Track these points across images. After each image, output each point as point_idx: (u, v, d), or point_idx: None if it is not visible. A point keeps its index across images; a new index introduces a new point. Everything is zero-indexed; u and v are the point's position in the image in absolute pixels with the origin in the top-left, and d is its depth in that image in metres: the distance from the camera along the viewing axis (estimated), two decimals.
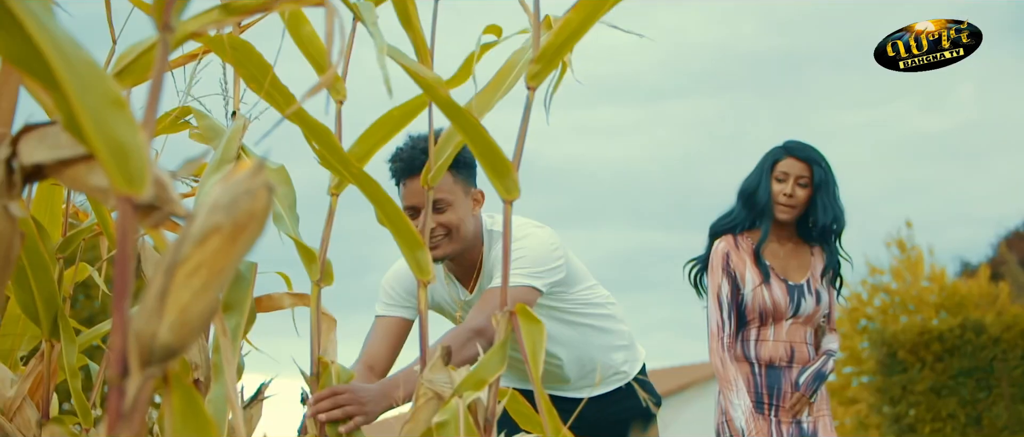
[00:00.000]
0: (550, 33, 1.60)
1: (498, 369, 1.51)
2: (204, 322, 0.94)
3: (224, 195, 0.92)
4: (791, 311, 4.28)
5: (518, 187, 1.56)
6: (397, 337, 3.60)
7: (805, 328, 4.33)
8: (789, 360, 4.28)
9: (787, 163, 4.32)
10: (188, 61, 2.34)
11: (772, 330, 4.28)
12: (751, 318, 4.28)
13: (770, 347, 4.28)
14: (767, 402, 4.27)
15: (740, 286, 4.29)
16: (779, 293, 4.27)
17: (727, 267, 4.31)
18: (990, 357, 16.89)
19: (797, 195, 4.28)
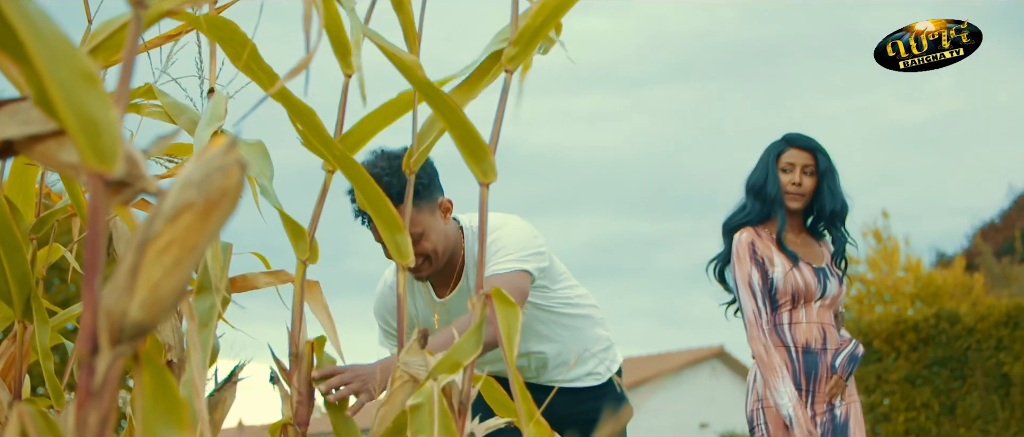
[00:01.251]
0: (527, 16, 1.59)
1: (473, 352, 1.51)
2: (175, 300, 0.93)
3: (196, 172, 0.91)
4: (819, 292, 4.33)
5: (495, 170, 1.55)
6: None
7: (829, 311, 4.39)
8: (823, 343, 4.32)
9: (791, 153, 4.40)
10: (165, 41, 2.32)
11: (804, 312, 4.33)
12: (783, 301, 4.32)
13: (804, 329, 4.31)
14: (804, 387, 4.30)
15: (769, 271, 4.33)
16: (809, 274, 4.32)
17: (754, 255, 4.35)
18: (964, 347, 16.96)
19: (805, 183, 4.37)
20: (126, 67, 0.96)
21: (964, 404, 16.84)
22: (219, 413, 1.94)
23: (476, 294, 1.57)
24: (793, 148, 4.41)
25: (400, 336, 1.71)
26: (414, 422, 1.49)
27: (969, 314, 17.20)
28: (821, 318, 4.34)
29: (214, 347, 1.94)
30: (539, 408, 1.50)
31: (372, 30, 1.59)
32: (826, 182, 4.38)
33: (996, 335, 16.78)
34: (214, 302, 1.82)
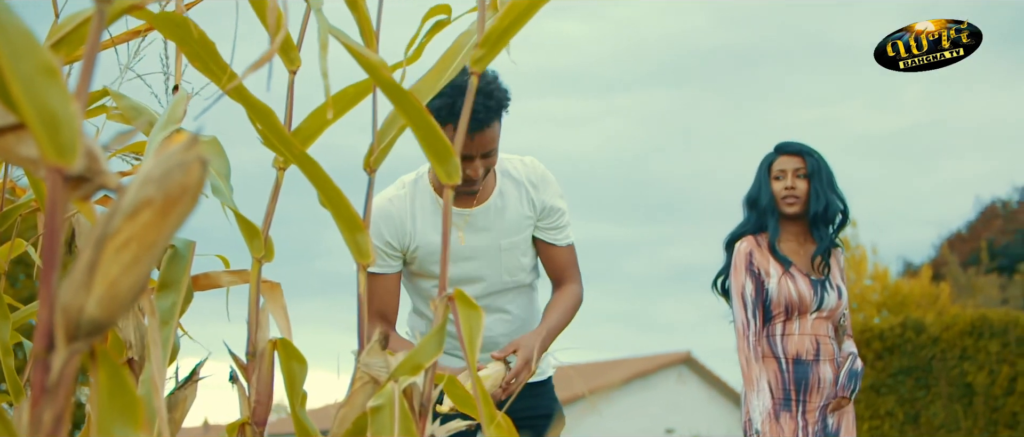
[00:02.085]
0: (495, 17, 1.59)
1: (435, 354, 1.50)
2: (133, 297, 0.93)
3: (156, 168, 0.91)
4: (815, 304, 4.36)
5: (459, 171, 1.55)
6: (399, 288, 3.65)
7: (828, 323, 4.42)
8: (816, 354, 4.35)
9: (781, 161, 4.46)
10: (132, 37, 2.31)
11: (797, 323, 4.35)
12: (776, 312, 4.35)
13: (796, 341, 4.34)
14: (795, 398, 4.32)
15: (765, 283, 4.36)
16: (804, 286, 4.35)
17: (751, 266, 4.39)
18: (929, 356, 17.07)
19: (798, 187, 4.42)
20: (87, 62, 0.95)
21: (928, 413, 16.94)
22: (179, 412, 1.93)
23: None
24: (783, 155, 4.47)
25: (361, 339, 1.71)
26: (374, 424, 1.49)
27: (934, 324, 17.32)
28: (816, 330, 4.37)
29: (174, 345, 1.93)
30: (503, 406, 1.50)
31: (338, 29, 1.58)
32: (813, 183, 4.41)
33: (960, 345, 16.90)
34: (176, 300, 1.81)
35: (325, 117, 1.70)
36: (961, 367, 16.87)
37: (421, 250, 3.61)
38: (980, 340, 16.82)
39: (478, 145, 3.43)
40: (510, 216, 3.70)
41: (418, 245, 3.61)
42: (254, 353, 1.79)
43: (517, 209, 3.70)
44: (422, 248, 3.61)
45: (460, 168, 1.55)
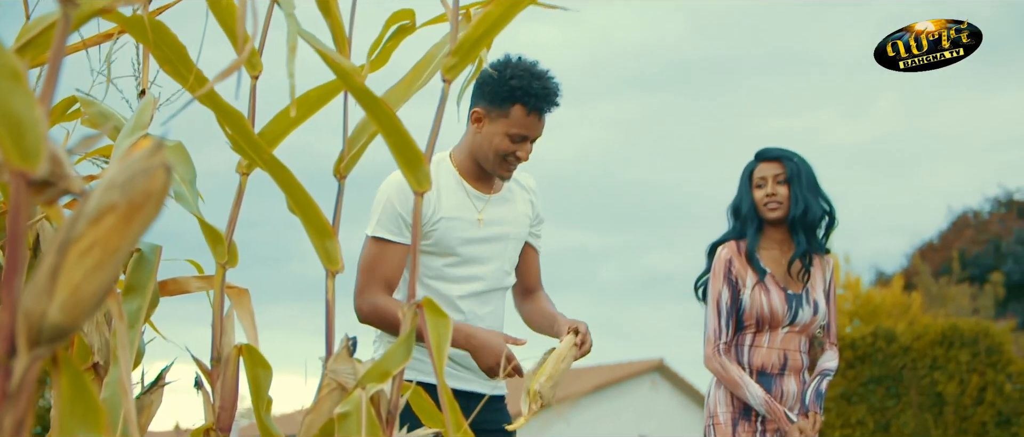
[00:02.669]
0: (468, 26, 1.59)
1: (402, 362, 1.50)
2: (96, 303, 0.92)
3: (120, 173, 0.90)
4: (788, 319, 4.34)
5: (429, 179, 1.55)
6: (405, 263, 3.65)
7: (801, 337, 4.40)
8: (781, 368, 4.34)
9: (761, 168, 4.45)
10: (103, 40, 2.29)
11: (767, 336, 4.34)
12: (748, 323, 4.34)
13: (763, 353, 4.33)
14: (754, 411, 4.32)
15: (741, 292, 4.35)
16: (777, 301, 4.33)
17: (729, 274, 4.38)
18: (900, 366, 17.16)
19: (779, 192, 4.40)
20: (52, 66, 0.95)
21: (898, 422, 17.02)
22: (145, 416, 1.92)
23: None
24: (763, 162, 4.47)
25: (329, 347, 1.70)
26: (341, 431, 1.49)
27: (905, 333, 17.41)
28: (786, 344, 4.36)
29: (140, 349, 1.92)
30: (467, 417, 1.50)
31: (310, 33, 1.58)
32: (792, 188, 4.40)
33: (931, 354, 17.00)
34: (141, 304, 1.80)
35: (288, 120, 1.69)
36: (932, 376, 16.98)
37: (442, 222, 3.65)
38: (951, 350, 16.93)
39: (537, 128, 3.64)
40: (518, 210, 3.84)
41: (441, 218, 3.65)
42: (218, 359, 1.79)
43: (522, 207, 3.86)
44: (444, 221, 3.65)
45: (430, 175, 1.55)
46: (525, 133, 3.62)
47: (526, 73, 3.59)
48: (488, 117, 3.65)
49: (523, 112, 3.60)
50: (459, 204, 3.71)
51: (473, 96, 3.72)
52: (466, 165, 3.76)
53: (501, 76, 3.61)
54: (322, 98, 1.78)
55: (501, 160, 3.67)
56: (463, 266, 3.69)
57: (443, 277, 3.69)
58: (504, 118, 3.61)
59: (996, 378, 16.71)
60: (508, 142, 3.63)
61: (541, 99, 3.60)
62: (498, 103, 3.62)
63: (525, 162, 3.72)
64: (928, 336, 17.14)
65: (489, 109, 3.65)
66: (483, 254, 3.74)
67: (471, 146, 3.73)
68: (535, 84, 3.59)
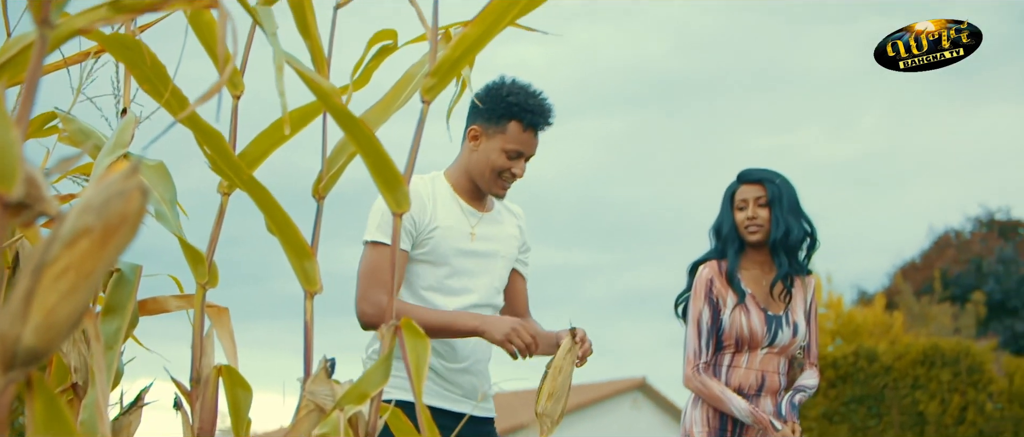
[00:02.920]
0: (447, 47, 1.59)
1: (380, 383, 1.50)
2: (71, 326, 0.92)
3: (96, 196, 0.90)
4: (767, 340, 4.34)
5: (408, 199, 1.55)
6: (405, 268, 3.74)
7: (780, 358, 4.39)
8: (759, 389, 4.33)
9: (743, 190, 4.44)
10: (83, 59, 2.29)
11: (746, 357, 4.34)
12: (727, 344, 4.34)
13: (741, 374, 4.33)
14: (730, 429, 4.31)
15: (721, 312, 4.34)
16: (757, 322, 4.33)
17: (710, 293, 4.37)
18: (881, 385, 17.17)
19: (759, 215, 4.39)
20: (29, 88, 0.94)
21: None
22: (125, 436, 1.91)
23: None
24: (744, 184, 4.46)
25: (307, 368, 1.70)
26: None
27: (887, 352, 17.43)
28: (764, 365, 4.36)
29: (119, 370, 1.91)
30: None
31: (292, 55, 1.58)
32: (773, 211, 4.39)
33: (912, 374, 17.03)
34: (120, 324, 1.79)
35: (269, 140, 1.69)
36: (913, 396, 17.00)
37: (438, 231, 3.72)
38: (932, 369, 16.96)
39: (532, 145, 3.76)
40: (508, 231, 3.92)
41: (437, 226, 3.72)
42: (198, 379, 1.78)
43: (511, 230, 3.94)
44: (440, 230, 3.72)
45: (409, 196, 1.55)
46: (521, 149, 3.73)
47: (522, 92, 3.72)
48: (485, 134, 3.74)
49: (519, 128, 3.71)
50: (454, 216, 3.77)
51: (469, 116, 3.80)
52: (461, 183, 3.82)
53: (498, 94, 3.72)
54: (304, 118, 1.79)
55: (496, 177, 3.76)
56: (457, 277, 3.74)
57: (437, 289, 3.72)
58: (501, 134, 3.71)
59: (977, 397, 16.74)
60: (504, 158, 3.72)
61: (537, 115, 3.72)
62: (495, 120, 3.72)
63: (520, 178, 3.78)
64: (910, 355, 17.16)
65: (486, 126, 3.74)
66: (475, 268, 3.79)
67: (467, 164, 3.81)
68: (531, 101, 3.72)
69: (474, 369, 3.79)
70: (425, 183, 3.78)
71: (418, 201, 3.68)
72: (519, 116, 3.70)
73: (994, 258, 33.66)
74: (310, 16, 1.72)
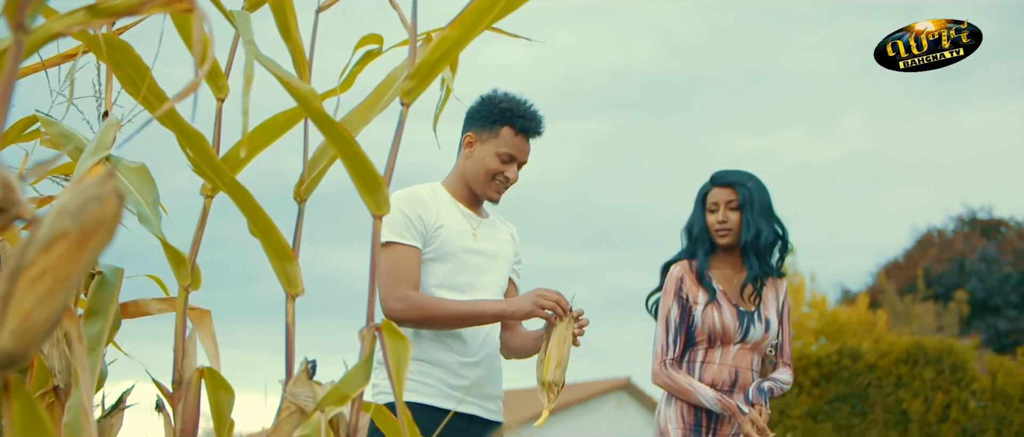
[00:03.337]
0: (426, 49, 1.59)
1: (361, 385, 1.50)
2: (48, 329, 0.92)
3: (72, 200, 0.90)
4: (739, 336, 4.36)
5: (388, 202, 1.55)
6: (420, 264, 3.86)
7: (752, 355, 4.41)
8: (732, 385, 4.35)
9: (715, 193, 4.47)
10: (64, 60, 2.28)
11: (719, 353, 4.36)
12: (700, 339, 4.36)
13: (715, 370, 4.35)
14: (705, 425, 4.33)
15: (692, 310, 4.37)
16: (729, 317, 4.35)
17: (680, 291, 4.41)
18: (865, 384, 17.21)
19: (730, 219, 4.42)
20: (3, 93, 0.94)
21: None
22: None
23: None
24: (716, 187, 4.49)
25: (289, 369, 1.70)
26: None
27: (870, 351, 17.46)
28: (737, 361, 4.38)
29: (102, 372, 1.91)
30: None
31: (269, 59, 1.58)
32: (744, 214, 4.42)
33: (896, 372, 17.07)
34: (102, 327, 1.79)
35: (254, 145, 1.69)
36: (896, 394, 17.04)
37: (443, 230, 3.86)
38: (915, 367, 17.01)
39: (524, 150, 3.94)
40: (504, 236, 4.09)
41: (442, 225, 3.87)
42: (180, 382, 1.78)
43: (507, 236, 4.12)
44: (445, 228, 3.87)
45: (389, 199, 1.55)
46: (513, 153, 3.90)
47: (514, 100, 3.93)
48: (479, 139, 3.93)
49: (511, 133, 3.89)
50: (456, 218, 3.93)
51: (464, 125, 4.00)
52: (458, 190, 3.99)
53: (491, 102, 3.93)
54: (287, 123, 1.79)
55: (491, 180, 3.92)
56: (464, 273, 3.87)
57: (446, 286, 3.83)
58: (494, 139, 3.90)
59: (960, 395, 16.79)
60: (498, 161, 3.89)
61: (528, 120, 3.90)
62: (488, 126, 3.90)
63: (514, 183, 3.95)
64: (893, 354, 17.20)
65: (480, 132, 3.93)
66: (480, 265, 3.93)
67: (463, 170, 3.98)
68: (522, 108, 3.91)
69: (484, 364, 3.89)
70: (425, 189, 3.94)
71: (421, 203, 3.86)
72: (511, 121, 3.88)
73: (976, 257, 33.79)
74: (292, 19, 1.72)
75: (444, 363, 3.79)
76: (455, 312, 3.71)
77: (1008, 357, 20.20)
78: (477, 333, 3.86)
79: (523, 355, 4.01)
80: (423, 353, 3.77)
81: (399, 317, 3.70)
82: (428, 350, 3.78)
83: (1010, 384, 16.89)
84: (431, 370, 3.76)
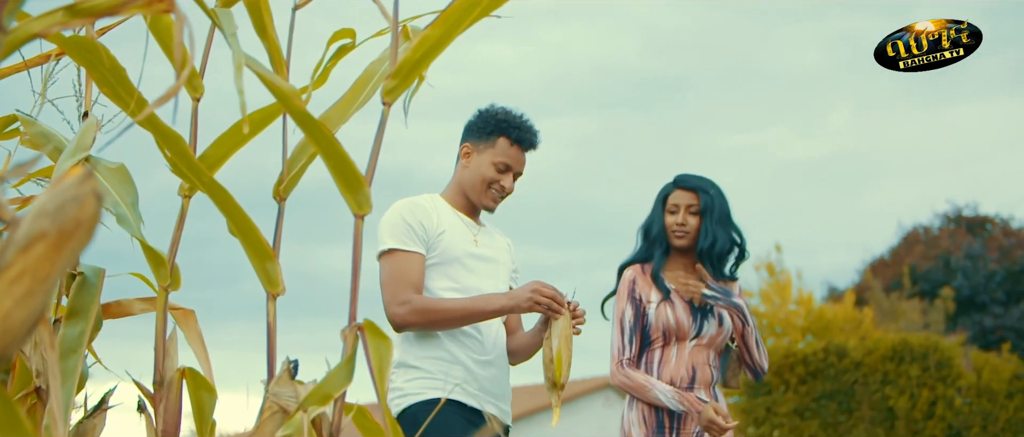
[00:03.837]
0: (408, 48, 1.59)
1: (344, 384, 1.50)
2: (27, 330, 0.92)
3: (50, 201, 0.90)
4: (694, 331, 4.39)
5: (370, 202, 1.55)
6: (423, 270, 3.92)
7: (709, 351, 4.44)
8: (691, 381, 4.38)
9: (676, 195, 4.51)
10: (43, 61, 2.28)
11: (675, 350, 4.39)
12: (655, 337, 4.39)
13: (672, 368, 4.38)
14: (668, 424, 4.36)
15: (646, 309, 4.40)
16: (682, 313, 4.39)
17: (632, 293, 4.45)
18: (852, 381, 17.25)
19: (689, 223, 4.47)
20: None
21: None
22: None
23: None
24: (679, 189, 4.54)
25: (271, 369, 1.70)
26: None
27: (857, 348, 17.51)
28: (694, 358, 4.41)
29: (83, 373, 1.90)
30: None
31: (251, 57, 1.58)
32: (704, 221, 4.47)
33: (882, 369, 17.11)
34: (84, 328, 1.79)
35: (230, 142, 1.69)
36: (883, 391, 17.08)
37: (446, 234, 3.94)
38: (901, 364, 17.05)
39: (520, 161, 4.06)
40: (501, 244, 4.19)
41: (444, 230, 3.94)
42: (161, 382, 1.78)
43: (503, 244, 4.22)
44: (448, 233, 3.94)
45: (370, 198, 1.55)
46: (509, 162, 4.02)
47: (510, 113, 4.05)
48: (476, 150, 4.04)
49: (507, 143, 4.01)
50: (457, 225, 4.01)
51: (462, 137, 4.10)
52: (456, 200, 4.09)
53: (488, 114, 4.06)
54: (264, 120, 1.79)
55: (487, 188, 4.03)
56: (468, 276, 3.94)
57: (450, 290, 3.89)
58: (491, 148, 4.01)
59: (946, 392, 16.85)
60: (494, 170, 4.01)
61: (523, 131, 4.03)
62: (485, 136, 4.02)
63: (509, 194, 4.05)
64: (879, 351, 17.24)
65: (477, 143, 4.04)
66: (483, 270, 4.01)
67: (461, 180, 4.09)
68: (518, 121, 4.04)
69: (497, 363, 3.96)
70: (425, 199, 4.05)
71: (423, 210, 3.95)
72: (507, 132, 4.01)
73: (962, 254, 33.87)
74: (267, 17, 1.72)
75: (462, 361, 3.85)
76: (457, 310, 3.77)
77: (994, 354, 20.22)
78: (489, 333, 3.93)
79: (525, 356, 4.09)
80: (443, 350, 3.83)
81: (402, 322, 3.78)
82: (448, 347, 3.83)
83: (995, 380, 16.95)
84: (450, 368, 3.81)
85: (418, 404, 3.74)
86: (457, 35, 1.63)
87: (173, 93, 1.19)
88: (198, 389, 1.77)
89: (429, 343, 3.86)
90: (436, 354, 3.84)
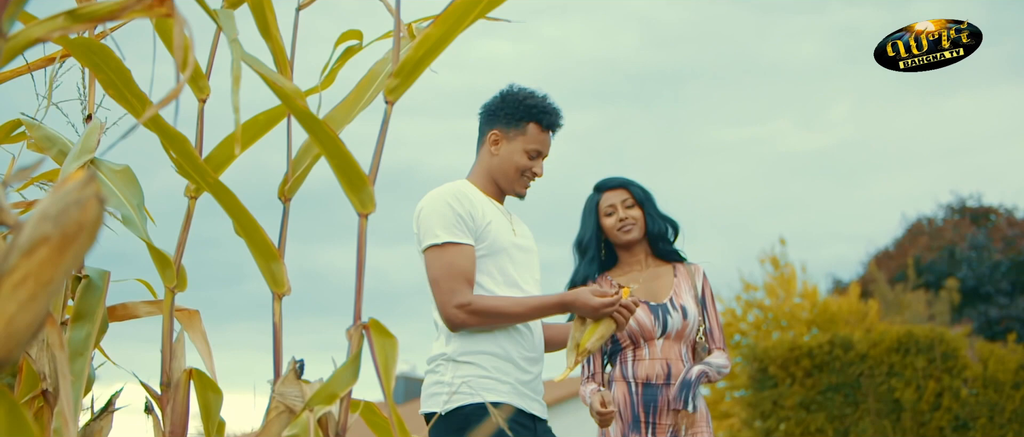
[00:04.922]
0: (410, 47, 1.59)
1: (349, 383, 1.50)
2: (31, 334, 0.92)
3: (53, 205, 0.90)
4: (659, 330, 4.41)
5: (373, 200, 1.55)
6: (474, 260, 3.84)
7: (678, 345, 4.45)
8: (666, 377, 4.40)
9: (606, 197, 4.58)
10: (47, 63, 2.28)
11: (647, 349, 4.42)
12: (624, 342, 4.41)
13: (647, 365, 4.40)
14: (644, 419, 4.38)
15: None
16: (643, 314, 4.40)
17: None
18: (857, 373, 17.23)
19: (631, 215, 4.51)
20: None
21: (857, 429, 17.10)
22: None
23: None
24: (607, 191, 4.60)
25: (277, 368, 1.70)
26: None
27: (862, 341, 17.48)
28: (666, 354, 4.43)
29: (90, 376, 1.90)
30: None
31: (253, 57, 1.58)
32: (646, 209, 4.51)
33: (888, 361, 17.09)
34: (90, 331, 1.79)
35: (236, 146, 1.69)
36: (889, 383, 17.06)
37: (492, 224, 3.85)
38: (907, 356, 17.04)
39: (549, 145, 3.99)
40: (529, 233, 4.11)
41: (490, 220, 3.86)
42: (168, 383, 1.78)
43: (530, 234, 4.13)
44: (493, 223, 3.86)
45: (374, 197, 1.55)
46: (540, 148, 3.96)
47: (536, 96, 3.98)
48: (506, 137, 3.95)
49: (538, 129, 3.94)
50: (497, 213, 3.93)
51: (486, 122, 4.01)
52: (486, 187, 3.99)
53: (515, 99, 3.96)
54: (270, 122, 1.79)
55: (520, 176, 3.96)
56: (513, 267, 3.88)
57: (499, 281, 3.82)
58: (522, 136, 3.94)
59: (952, 383, 16.83)
60: (526, 158, 3.94)
61: (553, 116, 3.96)
62: (514, 122, 3.94)
63: (540, 177, 3.99)
64: (885, 343, 17.23)
65: (506, 130, 3.95)
66: (523, 260, 3.96)
67: (489, 168, 3.99)
68: (546, 104, 3.97)
69: (540, 359, 3.93)
70: (458, 186, 3.91)
71: (468, 200, 3.83)
72: (538, 118, 3.94)
73: (966, 245, 33.84)
74: (271, 18, 1.72)
75: (514, 358, 3.78)
76: (517, 312, 3.71)
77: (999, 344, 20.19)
78: (535, 327, 3.90)
79: (554, 348, 4.06)
80: (497, 346, 3.74)
81: (461, 324, 3.69)
82: (502, 343, 3.75)
83: (1001, 371, 16.93)
84: (504, 366, 3.73)
85: (473, 406, 3.63)
86: (459, 32, 1.63)
87: (175, 94, 1.19)
88: (205, 390, 1.77)
89: (482, 338, 3.76)
90: (489, 349, 3.75)
